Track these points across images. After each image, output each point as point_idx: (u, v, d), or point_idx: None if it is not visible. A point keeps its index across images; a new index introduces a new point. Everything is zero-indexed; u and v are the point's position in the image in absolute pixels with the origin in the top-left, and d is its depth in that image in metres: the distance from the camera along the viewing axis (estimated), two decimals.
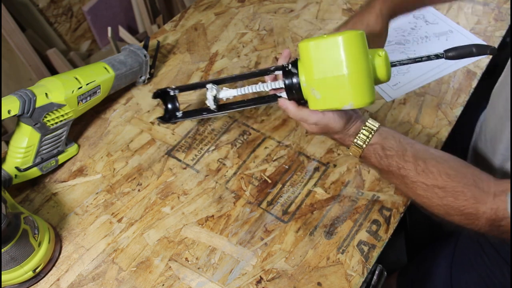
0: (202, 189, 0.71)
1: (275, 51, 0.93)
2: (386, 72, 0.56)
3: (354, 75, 0.53)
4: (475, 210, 0.53)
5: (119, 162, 0.75)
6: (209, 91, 0.65)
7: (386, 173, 0.59)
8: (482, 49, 0.58)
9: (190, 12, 1.04)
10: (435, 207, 0.55)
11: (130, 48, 0.82)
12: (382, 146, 0.58)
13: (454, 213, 0.54)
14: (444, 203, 0.54)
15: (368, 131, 0.59)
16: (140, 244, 0.65)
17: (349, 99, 0.55)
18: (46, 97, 0.66)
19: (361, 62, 0.53)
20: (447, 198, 0.54)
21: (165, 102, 0.73)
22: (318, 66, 0.55)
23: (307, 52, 0.55)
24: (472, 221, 0.53)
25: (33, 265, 0.59)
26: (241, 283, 0.61)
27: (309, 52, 0.55)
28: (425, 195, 0.56)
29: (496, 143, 0.71)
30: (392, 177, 0.59)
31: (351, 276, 0.61)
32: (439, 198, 0.54)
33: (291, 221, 0.67)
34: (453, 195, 0.54)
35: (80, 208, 0.69)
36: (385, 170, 0.58)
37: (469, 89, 0.85)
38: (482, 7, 1.00)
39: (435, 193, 0.55)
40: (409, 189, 0.57)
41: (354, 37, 0.53)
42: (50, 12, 1.60)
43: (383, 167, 0.58)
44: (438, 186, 0.55)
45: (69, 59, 1.63)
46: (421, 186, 0.56)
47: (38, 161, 0.70)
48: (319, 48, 0.54)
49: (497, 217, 0.52)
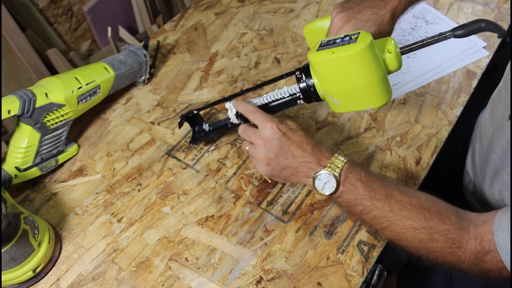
0: (202, 189, 0.71)
1: (275, 51, 0.93)
2: (397, 64, 0.57)
3: (370, 84, 0.54)
4: (460, 237, 0.51)
5: (119, 162, 0.75)
6: (230, 111, 0.66)
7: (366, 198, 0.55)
8: (492, 26, 0.55)
9: (190, 12, 1.04)
10: (420, 231, 0.52)
11: (130, 48, 0.82)
12: (362, 166, 0.57)
13: (438, 237, 0.52)
14: (430, 225, 0.52)
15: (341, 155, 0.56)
16: (140, 244, 0.65)
17: (369, 104, 0.56)
18: (46, 97, 0.66)
19: (374, 70, 0.54)
20: (433, 220, 0.52)
21: (192, 124, 0.74)
22: (333, 79, 0.55)
23: (319, 67, 0.55)
24: (455, 251, 0.51)
25: (33, 265, 0.59)
26: (241, 283, 0.61)
27: (320, 67, 0.55)
28: (410, 216, 0.53)
29: (490, 152, 0.71)
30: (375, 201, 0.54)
31: (351, 276, 0.61)
32: (425, 219, 0.52)
33: (291, 221, 0.67)
34: (439, 217, 0.52)
35: (80, 208, 0.69)
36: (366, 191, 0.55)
37: (469, 89, 0.85)
38: (482, 7, 1.00)
39: (421, 213, 0.53)
40: (393, 211, 0.53)
41: (366, 50, 0.52)
42: (50, 12, 1.61)
43: (366, 187, 0.55)
44: (424, 207, 0.53)
45: (69, 59, 1.64)
46: (406, 206, 0.53)
47: (38, 161, 0.70)
48: (331, 64, 0.54)
49: (482, 248, 0.50)
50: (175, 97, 0.85)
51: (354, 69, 0.53)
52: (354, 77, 0.54)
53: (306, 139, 0.58)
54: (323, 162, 0.56)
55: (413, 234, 0.53)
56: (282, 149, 0.57)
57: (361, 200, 0.55)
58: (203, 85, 0.87)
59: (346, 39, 0.55)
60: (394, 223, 0.54)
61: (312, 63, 0.56)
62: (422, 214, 0.53)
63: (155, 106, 0.83)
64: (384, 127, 0.79)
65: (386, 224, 0.54)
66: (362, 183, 0.55)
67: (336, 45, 0.54)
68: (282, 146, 0.57)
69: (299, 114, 0.81)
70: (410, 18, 0.99)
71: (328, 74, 0.55)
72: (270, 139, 0.58)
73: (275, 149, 0.58)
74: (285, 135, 0.58)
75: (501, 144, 0.67)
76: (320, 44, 0.57)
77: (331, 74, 0.55)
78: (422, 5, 1.02)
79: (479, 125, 0.81)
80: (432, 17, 0.99)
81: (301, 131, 0.58)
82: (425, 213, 0.53)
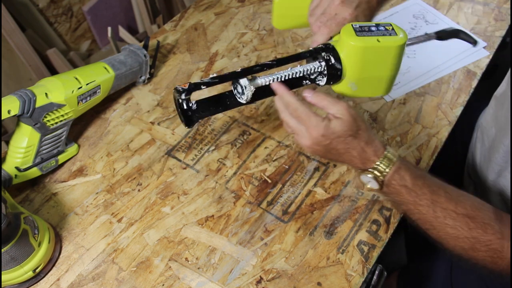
0: (202, 189, 0.71)
1: (275, 51, 0.93)
2: None
3: (394, 75, 0.57)
4: (501, 246, 0.51)
5: (119, 162, 0.75)
6: (247, 89, 0.56)
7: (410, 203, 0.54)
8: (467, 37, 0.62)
9: (190, 12, 1.04)
10: (462, 240, 0.52)
11: (130, 48, 0.82)
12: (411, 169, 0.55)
13: (480, 247, 0.52)
14: (473, 235, 0.52)
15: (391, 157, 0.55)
16: (140, 244, 0.65)
17: (381, 91, 0.58)
18: (46, 97, 0.66)
19: (401, 63, 0.57)
20: (476, 230, 0.52)
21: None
22: (365, 66, 0.56)
23: (357, 53, 0.55)
24: (496, 260, 0.51)
25: (33, 265, 0.59)
26: (241, 283, 0.61)
27: (360, 54, 0.55)
28: (454, 225, 0.52)
29: (493, 152, 0.71)
30: (419, 206, 0.54)
31: (351, 276, 0.61)
32: (468, 229, 0.52)
33: (291, 221, 0.67)
34: (482, 227, 0.51)
35: (80, 208, 0.69)
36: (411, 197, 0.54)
37: (469, 89, 0.85)
38: (482, 7, 1.00)
39: (465, 223, 0.52)
40: (437, 218, 0.53)
41: (404, 44, 0.55)
42: (50, 12, 1.61)
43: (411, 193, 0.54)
44: (468, 215, 0.52)
45: (69, 59, 1.64)
46: (451, 214, 0.53)
47: (38, 161, 0.70)
48: (371, 52, 0.55)
49: None
50: None
51: (391, 60, 0.55)
52: (387, 67, 0.56)
53: (355, 143, 0.55)
54: (368, 165, 0.55)
55: (455, 242, 0.53)
56: (328, 153, 0.56)
57: (405, 203, 0.55)
58: None
59: (381, 28, 0.55)
60: (437, 228, 0.54)
61: (352, 48, 0.55)
62: (466, 223, 0.52)
63: (155, 106, 0.83)
64: (384, 127, 0.79)
65: (429, 227, 0.55)
66: (406, 189, 0.54)
67: (375, 34, 0.55)
68: (328, 151, 0.56)
69: None
70: (410, 18, 0.99)
71: (364, 60, 0.55)
72: (315, 144, 0.55)
73: (321, 152, 0.56)
74: (331, 143, 0.54)
75: (504, 144, 0.67)
76: (354, 28, 0.55)
77: (367, 61, 0.55)
78: (422, 5, 1.02)
79: (481, 125, 0.81)
80: (432, 17, 0.99)
81: (349, 137, 0.54)
82: (469, 222, 0.52)
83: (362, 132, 0.54)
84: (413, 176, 0.55)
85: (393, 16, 1.00)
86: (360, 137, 0.54)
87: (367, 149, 0.55)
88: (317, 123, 0.53)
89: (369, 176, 0.54)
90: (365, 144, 0.55)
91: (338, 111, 0.53)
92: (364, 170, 0.55)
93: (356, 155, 0.55)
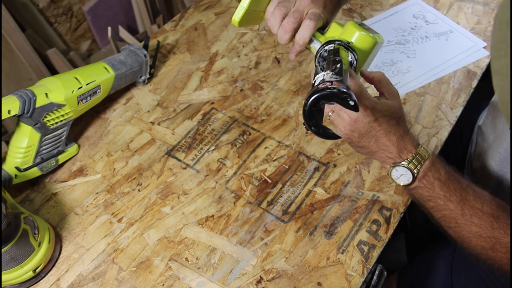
0: (202, 189, 0.71)
1: (275, 51, 0.93)
2: None
3: None
4: None
5: (119, 162, 0.75)
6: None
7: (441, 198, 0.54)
8: None
9: (190, 12, 1.04)
10: (484, 239, 0.52)
11: (130, 48, 0.82)
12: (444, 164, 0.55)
13: (500, 248, 0.52)
14: (495, 235, 0.52)
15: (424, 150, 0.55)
16: (140, 244, 0.65)
17: None
18: (46, 97, 0.66)
19: None
20: (499, 230, 0.52)
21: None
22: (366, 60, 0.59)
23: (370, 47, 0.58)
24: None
25: (33, 265, 0.59)
26: (241, 283, 0.61)
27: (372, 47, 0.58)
28: (479, 224, 0.52)
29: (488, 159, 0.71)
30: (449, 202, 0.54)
31: (351, 276, 0.61)
32: (492, 229, 0.52)
33: (291, 221, 0.67)
34: (505, 228, 0.52)
35: (80, 208, 0.69)
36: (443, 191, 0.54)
37: (469, 89, 0.85)
38: (482, 7, 1.00)
39: (490, 222, 0.52)
40: (464, 216, 0.53)
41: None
42: (50, 12, 1.61)
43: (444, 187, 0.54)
44: (493, 215, 0.52)
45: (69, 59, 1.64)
46: (477, 213, 0.53)
47: (38, 161, 0.70)
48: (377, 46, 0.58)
49: None
50: (175, 97, 0.85)
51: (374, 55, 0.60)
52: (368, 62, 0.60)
53: (396, 128, 0.54)
54: (404, 155, 0.54)
55: (477, 241, 0.53)
56: (369, 133, 0.54)
57: (435, 198, 0.54)
58: (203, 85, 0.87)
59: (365, 27, 0.58)
60: (462, 226, 0.54)
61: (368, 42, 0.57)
62: (490, 223, 0.52)
63: (155, 106, 0.83)
64: None
65: (454, 225, 0.54)
66: (440, 182, 0.54)
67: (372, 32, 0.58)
68: (370, 130, 0.54)
69: (298, 114, 0.81)
70: (410, 18, 0.99)
71: (371, 54, 0.58)
72: (360, 120, 0.53)
73: (362, 131, 0.54)
74: (377, 121, 0.53)
75: (499, 152, 0.67)
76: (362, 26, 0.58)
77: (370, 54, 0.59)
78: (422, 5, 1.02)
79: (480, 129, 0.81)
80: (432, 17, 0.99)
81: (393, 120, 0.54)
82: (493, 222, 0.52)
83: (403, 121, 0.54)
84: (447, 170, 0.55)
85: (393, 16, 1.00)
86: (401, 124, 0.54)
87: (406, 137, 0.54)
88: (368, 96, 0.52)
89: (404, 168, 0.54)
90: (404, 132, 0.54)
91: (392, 92, 0.54)
92: (397, 162, 0.54)
93: (395, 141, 0.54)
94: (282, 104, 0.83)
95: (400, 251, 1.12)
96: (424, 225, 1.02)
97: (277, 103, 0.83)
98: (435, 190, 0.54)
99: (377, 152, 0.56)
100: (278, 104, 0.83)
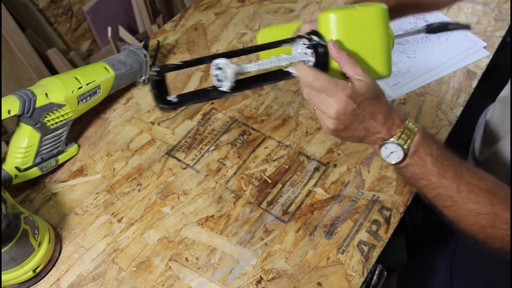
0: (202, 189, 0.71)
1: None
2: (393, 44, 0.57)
3: (386, 47, 0.53)
4: None
5: (119, 162, 0.75)
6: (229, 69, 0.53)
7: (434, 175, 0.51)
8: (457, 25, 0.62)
9: (190, 12, 1.04)
10: (483, 216, 0.50)
11: (130, 48, 0.82)
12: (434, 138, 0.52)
13: (500, 224, 0.49)
14: (494, 211, 0.49)
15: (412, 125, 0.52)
16: (140, 244, 0.65)
17: (381, 70, 0.54)
18: (46, 97, 0.66)
19: (387, 34, 0.53)
20: (498, 206, 0.49)
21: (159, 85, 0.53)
22: (350, 39, 0.53)
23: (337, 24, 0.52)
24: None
25: (33, 265, 0.59)
26: (241, 283, 0.61)
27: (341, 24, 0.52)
28: (477, 201, 0.50)
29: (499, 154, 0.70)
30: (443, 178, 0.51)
31: (351, 276, 0.61)
32: (490, 205, 0.50)
33: (291, 221, 0.67)
34: (504, 204, 0.49)
35: (80, 208, 0.69)
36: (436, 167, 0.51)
37: (469, 89, 0.85)
38: (482, 7, 1.00)
39: (488, 198, 0.50)
40: (460, 192, 0.50)
41: (386, 11, 0.52)
42: (50, 12, 1.60)
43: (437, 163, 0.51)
44: (491, 191, 0.50)
45: (69, 59, 1.63)
46: (474, 189, 0.50)
47: (38, 161, 0.70)
48: (352, 20, 0.52)
49: None
50: None
51: (377, 28, 0.52)
52: (374, 38, 0.53)
53: (379, 107, 0.51)
54: (393, 131, 0.51)
55: (475, 219, 0.51)
56: (355, 122, 0.52)
57: (427, 175, 0.51)
58: (203, 85, 0.87)
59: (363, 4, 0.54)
60: (458, 204, 0.51)
61: (330, 20, 0.52)
62: (489, 199, 0.50)
63: (155, 106, 0.83)
64: None
65: (449, 203, 0.52)
66: (432, 158, 0.51)
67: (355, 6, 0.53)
68: (355, 119, 0.51)
69: (298, 114, 0.81)
70: (410, 18, 0.99)
71: (347, 32, 0.53)
72: (342, 112, 0.50)
73: (347, 122, 0.52)
74: (360, 107, 0.51)
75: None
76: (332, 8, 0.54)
77: (350, 32, 0.53)
78: None
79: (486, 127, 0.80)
80: (432, 17, 0.99)
81: (374, 100, 0.51)
82: (491, 198, 0.50)
83: (382, 95, 0.52)
84: (438, 145, 0.52)
85: None
86: (383, 100, 0.52)
87: (391, 113, 0.52)
88: (344, 85, 0.49)
89: (394, 144, 0.51)
90: (388, 108, 0.52)
91: (358, 73, 0.51)
92: (385, 139, 0.52)
93: (382, 120, 0.51)
94: (282, 104, 0.83)
95: (400, 251, 1.12)
96: (424, 225, 1.02)
97: (277, 103, 0.83)
98: (427, 167, 0.51)
99: (367, 136, 0.53)
100: (278, 104, 0.83)
